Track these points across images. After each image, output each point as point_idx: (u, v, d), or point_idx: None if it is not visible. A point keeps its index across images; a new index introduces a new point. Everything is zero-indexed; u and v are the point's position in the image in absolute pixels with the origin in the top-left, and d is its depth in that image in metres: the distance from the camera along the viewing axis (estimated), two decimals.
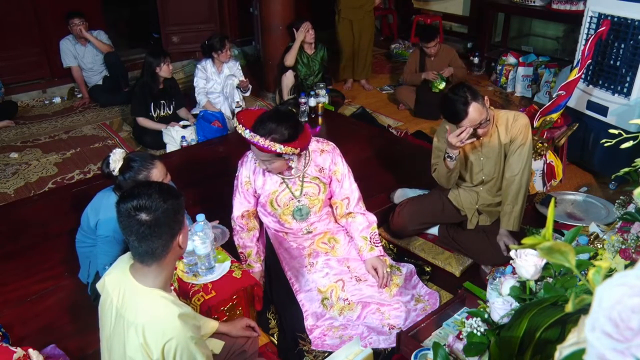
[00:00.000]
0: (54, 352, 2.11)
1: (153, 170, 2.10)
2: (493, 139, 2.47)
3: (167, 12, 5.52)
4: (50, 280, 2.55)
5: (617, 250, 1.36)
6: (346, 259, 2.38)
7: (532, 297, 1.22)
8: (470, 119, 2.28)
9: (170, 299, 1.39)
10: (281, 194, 2.29)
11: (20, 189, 3.53)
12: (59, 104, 5.07)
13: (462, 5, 6.52)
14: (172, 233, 1.38)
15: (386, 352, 2.12)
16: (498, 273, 2.17)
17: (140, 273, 1.40)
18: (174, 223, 1.38)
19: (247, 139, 2.02)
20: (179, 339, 1.33)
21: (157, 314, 1.35)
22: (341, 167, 2.35)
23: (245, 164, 2.33)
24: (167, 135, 3.99)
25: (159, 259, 1.38)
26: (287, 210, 2.33)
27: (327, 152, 2.33)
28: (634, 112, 3.03)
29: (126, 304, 1.37)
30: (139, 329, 1.33)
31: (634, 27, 3.00)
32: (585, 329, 0.51)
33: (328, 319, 2.24)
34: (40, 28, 4.99)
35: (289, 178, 2.28)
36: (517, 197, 2.47)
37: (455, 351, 1.37)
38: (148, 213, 1.32)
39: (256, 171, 2.29)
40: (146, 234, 1.33)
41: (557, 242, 0.67)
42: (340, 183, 2.37)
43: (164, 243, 1.37)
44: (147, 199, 1.33)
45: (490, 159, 2.52)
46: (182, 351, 1.34)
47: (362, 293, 2.30)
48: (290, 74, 4.63)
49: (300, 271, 2.33)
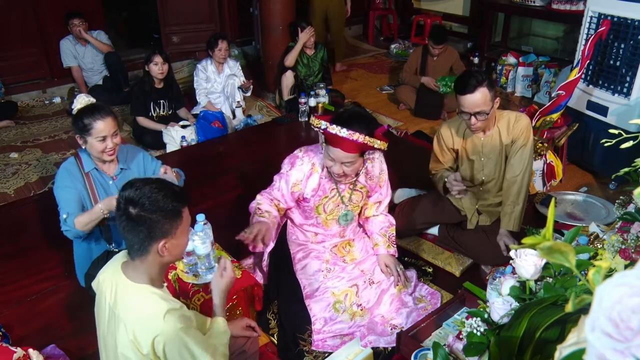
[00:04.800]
0: (54, 352, 2.11)
1: (98, 122, 2.13)
2: (494, 139, 2.47)
3: (167, 12, 5.52)
4: (50, 280, 2.56)
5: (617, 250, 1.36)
6: (360, 262, 2.40)
7: (532, 297, 1.22)
8: (473, 100, 2.28)
9: (159, 294, 1.39)
10: (330, 200, 2.29)
11: (20, 189, 3.53)
12: (59, 104, 5.07)
13: (462, 5, 6.52)
14: (151, 236, 1.36)
15: (386, 352, 2.12)
16: (498, 273, 2.17)
17: (130, 268, 1.42)
18: (156, 230, 1.35)
19: (345, 137, 1.97)
20: (168, 334, 1.33)
21: (145, 311, 1.36)
22: (385, 174, 2.38)
23: (297, 166, 2.24)
24: (167, 135, 3.99)
25: (140, 256, 1.39)
26: (331, 216, 2.34)
27: (377, 160, 2.34)
28: (634, 112, 3.03)
29: (118, 301, 1.38)
30: (129, 325, 1.34)
31: (634, 27, 3.00)
32: (585, 329, 0.51)
33: (337, 323, 2.22)
34: (40, 28, 4.98)
35: (341, 184, 2.26)
36: (518, 197, 2.47)
37: (455, 351, 1.37)
38: (134, 207, 1.34)
39: (310, 176, 2.23)
40: (129, 226, 1.35)
41: (557, 242, 0.66)
42: (381, 189, 2.39)
43: (140, 243, 1.36)
44: (140, 194, 1.34)
45: (491, 159, 2.52)
46: (171, 345, 1.34)
47: (375, 298, 2.31)
48: (290, 74, 4.63)
49: (315, 275, 2.32)
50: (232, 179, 3.51)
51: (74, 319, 2.31)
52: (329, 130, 1.98)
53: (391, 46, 6.54)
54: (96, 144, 2.16)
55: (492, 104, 2.31)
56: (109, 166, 2.29)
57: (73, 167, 2.26)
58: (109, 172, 2.30)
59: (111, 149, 2.20)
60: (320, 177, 2.23)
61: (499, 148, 2.48)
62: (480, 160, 2.54)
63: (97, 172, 2.27)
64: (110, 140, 2.18)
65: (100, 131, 2.14)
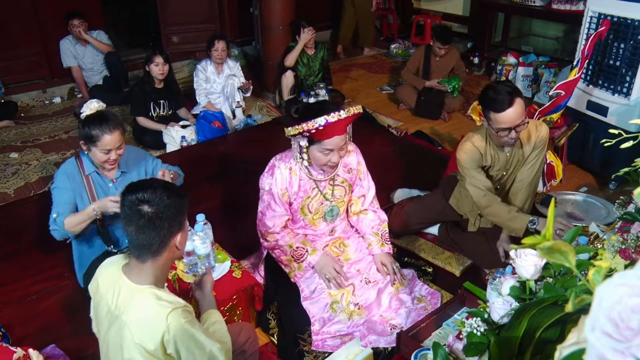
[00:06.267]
0: (54, 352, 2.11)
1: (106, 136, 2.13)
2: (519, 153, 2.41)
3: (167, 12, 5.52)
4: (50, 280, 2.56)
5: (617, 250, 1.36)
6: (355, 261, 2.39)
7: (532, 297, 1.22)
8: (515, 113, 2.13)
9: (162, 294, 1.40)
10: (313, 199, 2.29)
11: (20, 189, 3.53)
12: (59, 104, 5.06)
13: (462, 5, 6.52)
14: (170, 230, 1.40)
15: (386, 352, 2.12)
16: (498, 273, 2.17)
17: (136, 271, 1.42)
18: (174, 221, 1.40)
19: (346, 117, 1.99)
20: (174, 332, 1.35)
21: (150, 312, 1.36)
22: (363, 165, 2.37)
23: (276, 175, 2.22)
24: (167, 135, 3.99)
25: (155, 256, 1.40)
26: (318, 215, 2.34)
27: (352, 152, 2.34)
28: (634, 112, 3.03)
29: (121, 304, 1.38)
30: (134, 328, 1.35)
31: (634, 27, 3.00)
32: (585, 329, 0.51)
33: (335, 324, 2.22)
34: (40, 28, 4.98)
35: (320, 181, 2.26)
36: (524, 204, 2.45)
37: (455, 351, 1.37)
38: (150, 206, 1.36)
39: (291, 180, 2.24)
40: (145, 226, 1.36)
41: (557, 242, 0.66)
42: (361, 181, 2.39)
43: (161, 239, 1.39)
44: (151, 193, 1.38)
45: (511, 169, 2.46)
46: (181, 339, 1.36)
47: (371, 297, 2.31)
48: (290, 74, 4.63)
49: (311, 277, 2.31)
50: (232, 179, 3.51)
51: (74, 319, 2.31)
52: (330, 120, 1.97)
53: (391, 46, 6.54)
54: (100, 154, 2.16)
55: (524, 111, 2.21)
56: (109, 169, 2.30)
57: (73, 169, 2.26)
58: (110, 175, 2.30)
59: (114, 160, 2.20)
60: (299, 179, 2.24)
61: (522, 160, 2.42)
62: (502, 174, 2.48)
63: (97, 175, 2.27)
64: (114, 152, 2.18)
65: (106, 144, 2.14)
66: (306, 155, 2.12)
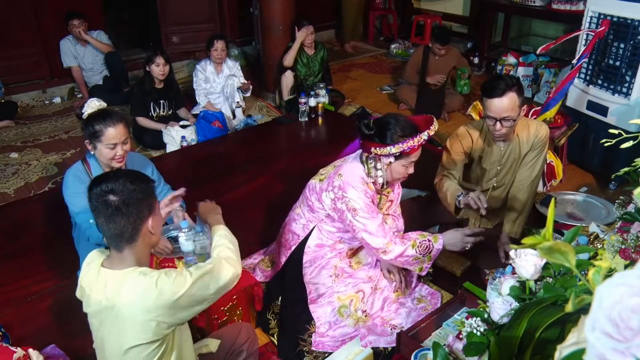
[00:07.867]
0: (54, 352, 2.11)
1: (109, 129, 2.13)
2: (515, 150, 2.43)
3: (167, 12, 5.52)
4: (50, 280, 2.55)
5: (617, 250, 1.36)
6: (368, 267, 2.37)
7: (532, 297, 1.22)
8: (501, 105, 2.20)
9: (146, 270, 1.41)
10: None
11: (20, 189, 3.53)
12: (59, 104, 5.07)
13: (462, 5, 6.52)
14: (140, 215, 1.42)
15: (386, 352, 2.11)
16: (498, 273, 2.17)
17: (117, 261, 1.43)
18: (141, 206, 1.42)
19: (428, 138, 2.01)
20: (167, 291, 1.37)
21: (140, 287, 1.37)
22: None
23: (359, 188, 2.10)
24: (167, 135, 3.99)
25: (130, 242, 1.41)
26: None
27: None
28: (634, 112, 3.03)
29: (110, 294, 1.38)
30: (129, 307, 1.35)
31: (634, 27, 3.00)
32: (585, 329, 0.51)
33: (341, 328, 2.20)
34: (40, 28, 4.98)
35: (378, 193, 2.25)
36: (525, 205, 2.46)
37: (455, 351, 1.37)
38: (115, 194, 1.39)
39: (373, 193, 2.18)
40: (114, 214, 1.38)
41: (557, 242, 0.66)
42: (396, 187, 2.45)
43: (133, 225, 1.40)
44: (114, 182, 1.40)
45: (508, 168, 2.48)
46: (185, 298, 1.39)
47: (377, 304, 2.30)
48: (290, 74, 4.63)
49: (323, 280, 2.29)
50: (232, 179, 3.51)
51: (74, 319, 2.30)
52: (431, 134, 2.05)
53: (391, 46, 6.54)
54: (106, 150, 2.16)
55: (519, 110, 2.25)
56: None
57: (81, 173, 2.25)
58: None
59: (120, 156, 2.20)
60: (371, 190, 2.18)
61: (518, 156, 2.44)
62: (497, 169, 2.50)
63: None
64: (120, 147, 2.18)
65: (111, 138, 2.14)
66: (386, 172, 2.09)
